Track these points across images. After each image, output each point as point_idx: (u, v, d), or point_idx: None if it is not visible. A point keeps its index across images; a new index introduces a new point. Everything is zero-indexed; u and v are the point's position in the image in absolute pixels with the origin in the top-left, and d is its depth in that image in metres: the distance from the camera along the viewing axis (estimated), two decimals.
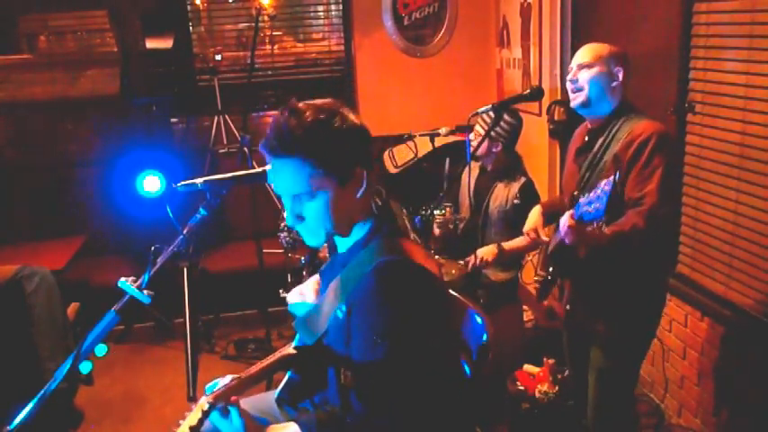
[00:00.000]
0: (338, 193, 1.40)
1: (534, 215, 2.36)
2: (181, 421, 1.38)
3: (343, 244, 1.54)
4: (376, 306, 1.37)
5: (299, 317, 1.65)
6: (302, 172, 1.36)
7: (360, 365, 1.40)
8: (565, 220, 1.97)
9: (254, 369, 1.62)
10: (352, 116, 1.41)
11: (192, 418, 1.38)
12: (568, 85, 2.22)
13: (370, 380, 1.39)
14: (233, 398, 1.43)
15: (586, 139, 2.26)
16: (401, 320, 1.36)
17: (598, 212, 1.84)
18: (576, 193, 2.20)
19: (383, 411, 1.37)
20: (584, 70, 2.16)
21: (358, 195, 1.43)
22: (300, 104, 1.38)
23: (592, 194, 1.87)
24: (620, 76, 2.14)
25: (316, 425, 1.42)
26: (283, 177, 1.39)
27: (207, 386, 1.50)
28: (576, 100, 2.19)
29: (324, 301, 1.54)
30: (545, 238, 2.27)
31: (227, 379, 1.51)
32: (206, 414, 1.40)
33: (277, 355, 1.67)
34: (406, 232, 1.53)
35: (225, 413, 1.42)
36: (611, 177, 1.80)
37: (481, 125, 2.93)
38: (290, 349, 1.70)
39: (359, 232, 1.49)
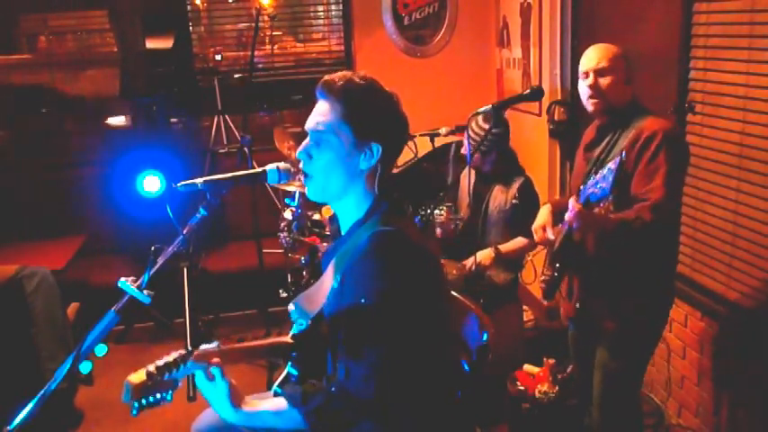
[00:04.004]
0: (347, 153, 1.50)
1: (543, 213, 2.33)
2: (158, 361, 1.39)
3: (345, 225, 1.60)
4: (365, 268, 1.43)
5: (295, 301, 1.68)
6: (331, 116, 1.50)
7: (346, 326, 1.44)
8: (571, 206, 1.97)
9: (241, 344, 1.62)
10: (399, 107, 1.56)
11: (169, 357, 1.39)
12: (585, 91, 2.17)
13: (356, 340, 1.42)
14: (215, 359, 1.45)
15: (595, 135, 2.26)
16: (389, 282, 1.42)
17: (604, 192, 1.85)
18: (582, 186, 2.19)
19: (368, 375, 1.39)
20: (603, 76, 2.13)
21: (363, 167, 1.51)
22: (368, 75, 1.55)
23: (598, 176, 1.87)
24: (630, 74, 2.14)
25: (301, 395, 1.44)
26: (317, 113, 1.53)
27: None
28: (596, 108, 2.17)
29: (323, 280, 1.58)
30: (552, 237, 2.26)
31: (212, 345, 1.53)
32: (183, 358, 1.40)
33: (270, 339, 1.67)
34: (406, 213, 1.62)
35: (210, 377, 1.45)
36: (618, 157, 1.80)
37: (472, 138, 2.83)
38: (285, 338, 1.70)
39: (359, 211, 1.55)
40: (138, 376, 1.34)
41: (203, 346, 1.50)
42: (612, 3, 3.29)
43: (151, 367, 1.35)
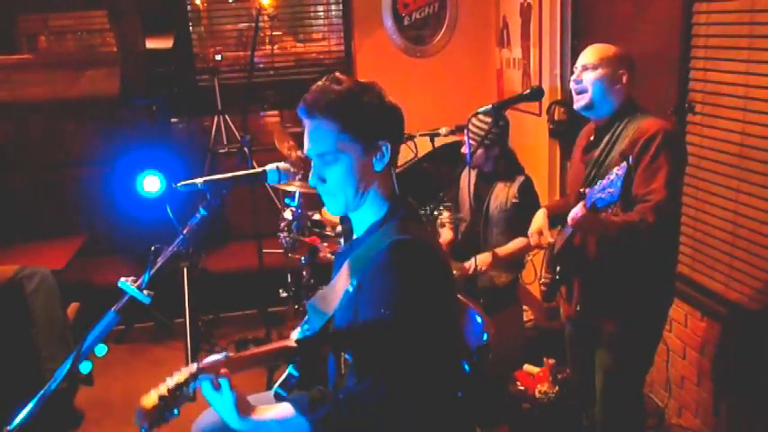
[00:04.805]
0: (360, 161, 1.49)
1: (539, 217, 2.35)
2: (168, 378, 1.38)
3: (360, 227, 1.59)
4: (386, 279, 1.42)
5: (309, 302, 1.67)
6: (330, 133, 1.46)
7: (363, 336, 1.43)
8: (577, 209, 1.97)
9: (249, 352, 1.61)
10: (386, 98, 1.53)
11: (180, 377, 1.38)
12: (572, 86, 2.21)
13: (372, 350, 1.42)
14: (223, 370, 1.44)
15: (592, 138, 2.26)
16: (410, 294, 1.42)
17: (612, 197, 1.84)
18: (582, 189, 2.19)
19: (380, 384, 1.38)
20: (588, 71, 2.15)
21: (378, 168, 1.51)
22: (342, 75, 1.50)
23: (605, 181, 1.87)
24: (624, 79, 2.14)
25: (308, 402, 1.42)
26: (313, 137, 1.49)
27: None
28: (579, 102, 2.19)
29: (336, 281, 1.58)
30: (550, 240, 2.27)
31: (220, 355, 1.52)
32: (193, 376, 1.39)
33: (275, 344, 1.67)
34: (422, 219, 1.62)
35: (216, 386, 1.43)
36: (625, 162, 1.80)
37: (474, 134, 2.84)
38: (290, 342, 1.70)
39: (376, 215, 1.55)
40: (150, 400, 1.32)
41: (211, 357, 1.50)
42: (612, 3, 3.29)
43: (163, 389, 1.34)
